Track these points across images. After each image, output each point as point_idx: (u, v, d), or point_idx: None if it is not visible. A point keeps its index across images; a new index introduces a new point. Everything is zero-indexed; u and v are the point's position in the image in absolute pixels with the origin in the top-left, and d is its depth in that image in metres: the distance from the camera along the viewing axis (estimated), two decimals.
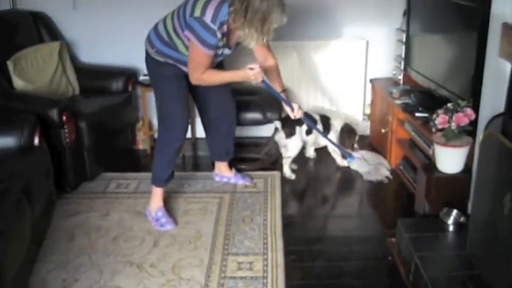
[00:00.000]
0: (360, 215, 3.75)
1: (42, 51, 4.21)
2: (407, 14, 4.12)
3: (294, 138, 4.09)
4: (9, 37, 4.10)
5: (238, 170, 4.12)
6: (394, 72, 4.53)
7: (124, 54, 4.66)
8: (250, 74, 3.26)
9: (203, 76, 3.26)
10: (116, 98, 4.38)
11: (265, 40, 3.19)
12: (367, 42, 4.71)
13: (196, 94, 3.75)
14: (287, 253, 3.17)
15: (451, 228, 2.89)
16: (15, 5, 4.57)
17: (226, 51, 3.34)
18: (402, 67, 4.29)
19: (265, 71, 3.46)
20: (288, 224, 3.49)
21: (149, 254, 3.16)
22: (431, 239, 2.82)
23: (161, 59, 3.40)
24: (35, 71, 4.09)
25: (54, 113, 3.65)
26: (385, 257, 3.08)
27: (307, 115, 3.85)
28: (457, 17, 3.35)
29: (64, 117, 3.68)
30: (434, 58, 3.74)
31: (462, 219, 2.90)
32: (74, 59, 4.59)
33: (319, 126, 4.10)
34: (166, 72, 3.43)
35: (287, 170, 4.15)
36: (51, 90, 4.16)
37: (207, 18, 3.07)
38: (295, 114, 3.50)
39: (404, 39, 4.23)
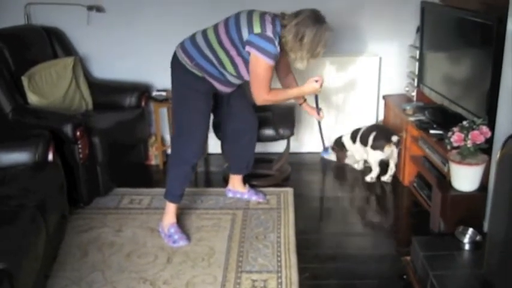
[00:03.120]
0: (373, 233, 3.72)
1: (56, 67, 4.23)
2: (421, 30, 4.12)
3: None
4: (23, 53, 4.12)
5: (251, 186, 4.11)
6: (407, 88, 4.52)
7: (137, 70, 4.69)
8: (317, 86, 3.44)
9: (268, 96, 3.36)
10: (129, 114, 4.39)
11: (312, 61, 3.37)
12: (380, 59, 4.71)
13: (218, 106, 3.72)
14: (301, 271, 3.15)
15: (466, 247, 2.85)
16: (29, 21, 4.61)
17: None
18: (415, 83, 4.29)
19: (287, 84, 3.70)
20: (301, 241, 3.47)
21: (163, 270, 3.15)
22: (447, 258, 2.78)
23: (199, 74, 3.40)
24: (49, 86, 4.11)
25: (68, 129, 3.66)
26: (400, 275, 3.04)
27: None
28: (472, 34, 3.34)
29: (78, 133, 3.69)
30: (448, 75, 3.73)
31: (478, 237, 2.87)
32: (87, 74, 4.62)
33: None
34: (199, 88, 3.43)
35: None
36: (64, 105, 4.18)
37: (269, 32, 3.20)
38: (321, 116, 3.79)
39: (417, 56, 4.23)
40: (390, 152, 4.21)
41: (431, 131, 3.66)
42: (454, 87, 3.64)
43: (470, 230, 2.90)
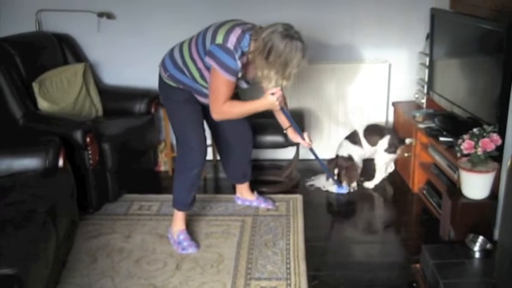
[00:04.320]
0: (383, 240, 3.71)
1: (67, 73, 4.26)
2: (431, 37, 4.11)
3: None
4: (34, 59, 4.14)
5: (260, 193, 4.10)
6: (416, 95, 4.51)
7: (147, 76, 4.68)
8: (274, 99, 3.19)
9: (223, 108, 3.17)
10: (139, 120, 4.40)
11: (283, 84, 3.11)
12: (390, 65, 4.70)
13: (209, 119, 3.62)
14: (310, 278, 3.14)
15: (477, 255, 2.84)
16: (40, 27, 4.64)
17: (244, 84, 3.33)
18: (425, 90, 4.27)
19: None
20: (310, 248, 3.46)
21: (172, 277, 3.15)
22: (457, 266, 2.77)
23: (173, 84, 3.39)
24: (59, 93, 4.13)
25: (78, 135, 3.67)
26: (410, 283, 3.03)
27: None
28: (483, 41, 3.33)
29: (88, 139, 3.70)
30: (458, 82, 3.72)
31: (488, 245, 2.85)
32: (97, 81, 4.64)
33: None
34: (178, 98, 3.39)
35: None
36: (75, 111, 4.20)
37: (230, 45, 3.05)
38: (308, 142, 3.56)
39: (427, 63, 4.22)
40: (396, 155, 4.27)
41: (441, 138, 3.65)
42: (464, 94, 3.63)
43: (481, 238, 2.88)
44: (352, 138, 4.34)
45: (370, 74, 4.69)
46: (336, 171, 4.23)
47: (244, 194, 4.03)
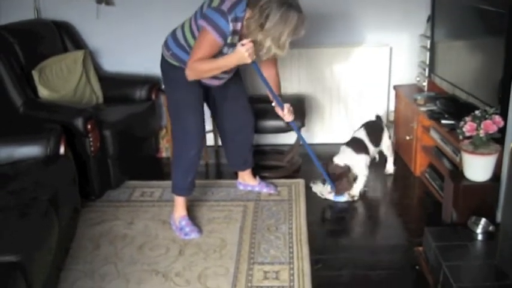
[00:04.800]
0: (385, 223, 3.71)
1: (67, 60, 4.24)
2: (432, 19, 4.09)
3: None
4: (34, 47, 4.12)
5: (262, 178, 4.10)
6: (418, 78, 4.49)
7: (147, 63, 4.67)
8: (243, 51, 3.04)
9: (194, 64, 3.11)
10: (140, 107, 4.39)
11: (277, 53, 3.09)
12: (391, 49, 4.68)
13: (210, 102, 3.71)
14: (313, 262, 3.15)
15: (479, 237, 2.84)
16: (39, 15, 4.62)
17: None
18: (426, 73, 4.26)
19: (266, 76, 3.41)
20: (313, 232, 3.47)
21: (175, 262, 3.16)
22: (460, 248, 2.77)
23: (176, 63, 3.36)
24: (59, 80, 4.12)
25: (79, 122, 3.67)
26: (413, 266, 3.04)
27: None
28: (484, 23, 3.31)
29: (89, 126, 3.69)
30: (460, 64, 3.70)
31: (491, 228, 2.86)
32: (97, 68, 4.62)
33: None
34: (179, 78, 3.29)
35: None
36: (75, 99, 4.19)
37: (224, 7, 3.02)
38: (284, 114, 3.49)
39: (428, 45, 4.20)
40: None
41: (443, 121, 3.64)
42: (465, 77, 3.61)
43: (483, 220, 2.89)
44: (356, 146, 3.95)
45: (371, 58, 4.68)
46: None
47: (246, 179, 4.03)
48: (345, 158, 3.88)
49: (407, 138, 4.25)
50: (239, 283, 2.97)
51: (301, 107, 4.37)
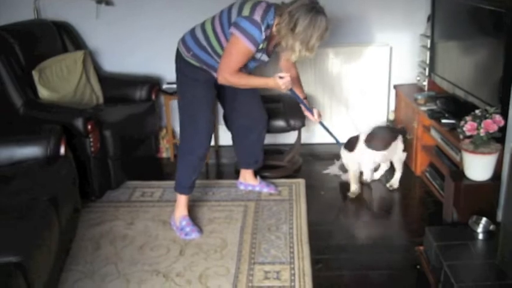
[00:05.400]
0: (386, 223, 3.71)
1: (67, 61, 4.23)
2: (432, 19, 4.08)
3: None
4: (34, 47, 4.12)
5: (263, 178, 4.10)
6: (418, 78, 4.49)
7: (147, 63, 4.69)
8: (280, 83, 3.30)
9: (231, 78, 3.24)
10: (140, 107, 4.39)
11: (307, 55, 3.21)
12: (391, 48, 4.68)
13: (225, 100, 3.75)
14: (314, 262, 3.14)
15: (480, 236, 2.84)
16: (39, 15, 4.61)
17: (264, 57, 3.34)
18: (427, 73, 4.25)
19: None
20: (313, 232, 3.47)
21: (175, 263, 3.15)
22: (461, 248, 2.77)
23: (197, 64, 3.39)
24: (59, 81, 4.11)
25: (79, 123, 3.66)
26: (414, 265, 3.04)
27: None
28: (484, 22, 3.31)
29: (89, 127, 3.69)
30: (460, 64, 3.70)
31: (492, 227, 2.85)
32: (97, 68, 4.61)
33: None
34: (197, 77, 3.40)
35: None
36: (75, 99, 4.19)
37: (257, 16, 3.11)
38: (315, 118, 3.69)
39: (428, 45, 4.19)
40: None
41: (443, 121, 3.64)
42: (466, 76, 3.61)
43: (484, 220, 2.88)
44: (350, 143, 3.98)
45: (371, 57, 4.67)
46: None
47: (247, 178, 4.03)
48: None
49: (408, 137, 4.24)
50: (240, 283, 2.96)
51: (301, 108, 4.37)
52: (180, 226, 3.48)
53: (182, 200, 3.56)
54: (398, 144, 3.98)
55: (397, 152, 4.00)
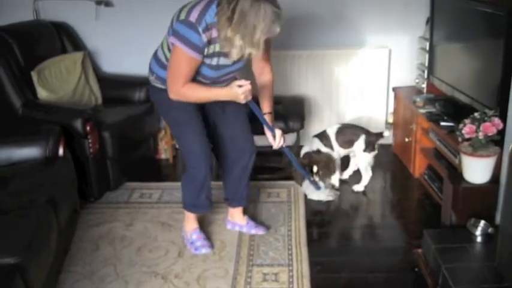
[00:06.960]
0: (384, 225, 3.71)
1: (66, 62, 4.24)
2: (431, 22, 4.09)
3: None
4: (33, 48, 4.12)
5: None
6: (417, 80, 4.49)
7: (146, 64, 4.60)
8: (239, 92, 2.91)
9: (182, 89, 2.89)
10: (139, 108, 4.39)
11: (252, 53, 2.79)
12: (390, 51, 4.68)
13: (208, 127, 3.28)
14: (312, 264, 3.15)
15: (479, 239, 2.84)
16: (38, 16, 4.61)
17: (224, 61, 2.93)
18: (425, 75, 4.26)
19: (261, 84, 3.22)
20: (312, 234, 3.47)
21: (174, 264, 3.16)
22: (459, 250, 2.77)
23: (162, 86, 3.09)
24: (58, 81, 4.11)
25: (78, 124, 3.66)
26: (412, 268, 3.04)
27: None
28: (483, 25, 3.32)
29: (88, 128, 3.69)
30: (459, 66, 3.71)
31: (490, 230, 2.85)
32: (96, 69, 4.61)
33: None
34: (169, 102, 3.02)
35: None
36: (74, 100, 4.19)
37: (192, 18, 2.76)
38: (276, 141, 3.26)
39: (427, 48, 4.20)
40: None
41: (442, 123, 3.64)
42: (464, 79, 3.61)
43: (482, 222, 2.88)
44: (323, 139, 4.03)
45: (370, 60, 4.67)
46: (314, 168, 3.94)
47: (235, 217, 3.57)
48: (314, 146, 4.03)
49: (407, 140, 4.26)
50: (238, 285, 2.97)
51: (300, 109, 4.38)
52: (190, 239, 3.35)
53: (190, 214, 3.40)
54: (359, 144, 3.99)
55: (356, 153, 4.04)
